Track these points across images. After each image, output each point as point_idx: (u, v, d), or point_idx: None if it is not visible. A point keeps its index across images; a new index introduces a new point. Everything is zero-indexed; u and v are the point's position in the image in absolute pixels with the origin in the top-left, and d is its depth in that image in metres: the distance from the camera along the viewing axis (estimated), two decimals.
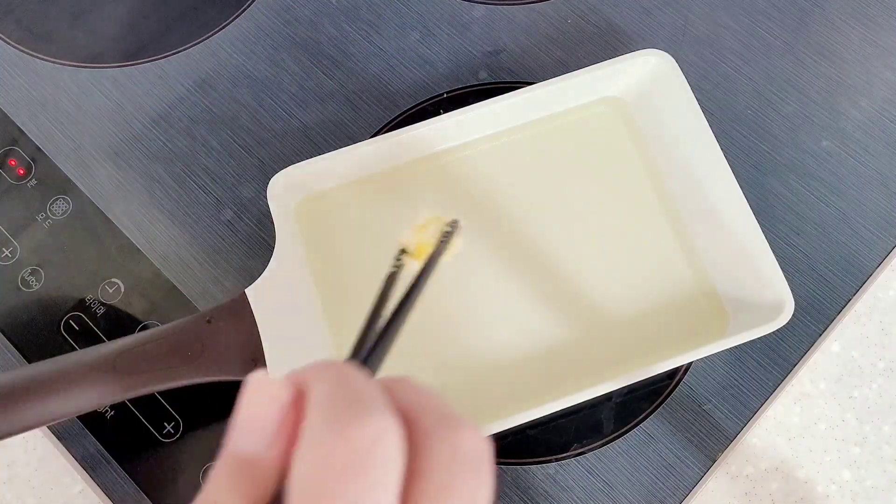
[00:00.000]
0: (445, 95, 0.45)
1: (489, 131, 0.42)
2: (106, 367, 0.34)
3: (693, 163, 0.40)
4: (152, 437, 0.39)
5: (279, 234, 0.38)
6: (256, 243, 0.43)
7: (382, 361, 0.25)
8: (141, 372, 0.34)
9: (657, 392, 0.40)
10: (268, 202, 0.38)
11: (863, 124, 0.45)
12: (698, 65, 0.46)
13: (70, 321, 0.41)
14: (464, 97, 0.45)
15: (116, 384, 0.34)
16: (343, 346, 0.38)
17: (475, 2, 0.48)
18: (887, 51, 0.46)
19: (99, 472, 0.39)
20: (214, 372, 0.35)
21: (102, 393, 0.34)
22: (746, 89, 0.45)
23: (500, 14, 0.47)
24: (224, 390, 0.38)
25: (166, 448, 0.39)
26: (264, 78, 0.46)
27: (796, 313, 0.36)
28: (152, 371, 0.34)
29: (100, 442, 0.39)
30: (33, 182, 0.44)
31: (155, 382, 0.34)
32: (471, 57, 0.46)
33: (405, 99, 0.45)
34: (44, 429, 0.39)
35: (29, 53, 0.47)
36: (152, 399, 0.39)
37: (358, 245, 0.40)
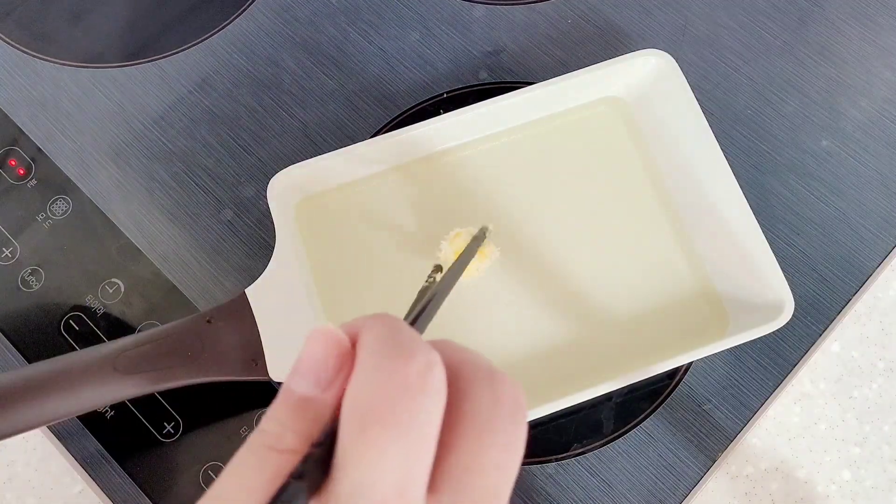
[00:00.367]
0: (445, 95, 0.45)
1: (489, 131, 0.42)
2: (106, 367, 0.34)
3: (693, 163, 0.40)
4: (152, 437, 0.39)
5: (279, 234, 0.38)
6: (256, 243, 0.43)
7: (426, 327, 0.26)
8: (141, 372, 0.34)
9: (657, 392, 0.40)
10: (268, 202, 0.38)
11: (863, 124, 0.45)
12: (698, 65, 0.46)
13: (70, 321, 0.41)
14: (464, 97, 0.45)
15: (116, 384, 0.34)
16: None
17: (475, 2, 0.48)
18: (887, 51, 0.46)
19: (99, 472, 0.39)
20: (214, 372, 0.35)
21: (102, 393, 0.34)
22: (746, 89, 0.45)
23: (500, 14, 0.47)
24: (224, 390, 0.39)
25: (166, 448, 0.39)
26: (264, 78, 0.46)
27: (796, 313, 0.36)
28: (152, 371, 0.34)
29: (100, 442, 0.39)
30: (33, 182, 0.44)
31: (155, 382, 0.34)
32: (471, 57, 0.46)
33: (405, 99, 0.45)
34: (44, 429, 0.39)
35: (29, 53, 0.47)
36: (152, 399, 0.39)
37: (358, 245, 0.40)
